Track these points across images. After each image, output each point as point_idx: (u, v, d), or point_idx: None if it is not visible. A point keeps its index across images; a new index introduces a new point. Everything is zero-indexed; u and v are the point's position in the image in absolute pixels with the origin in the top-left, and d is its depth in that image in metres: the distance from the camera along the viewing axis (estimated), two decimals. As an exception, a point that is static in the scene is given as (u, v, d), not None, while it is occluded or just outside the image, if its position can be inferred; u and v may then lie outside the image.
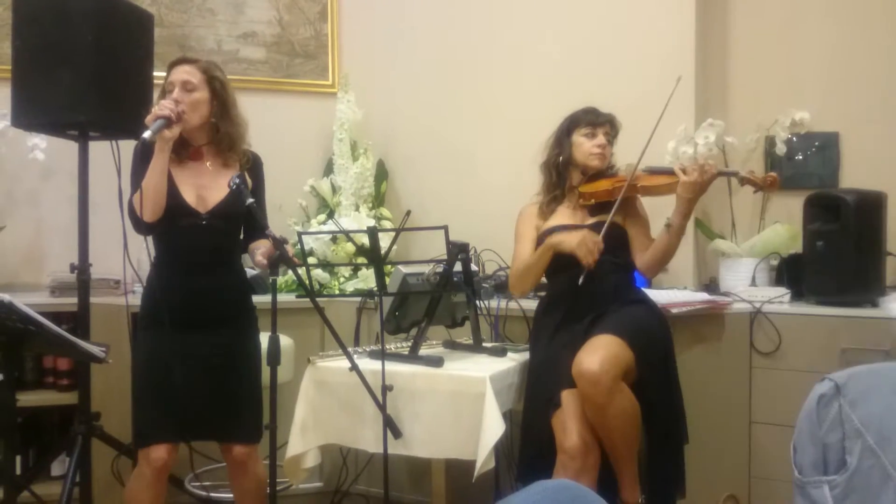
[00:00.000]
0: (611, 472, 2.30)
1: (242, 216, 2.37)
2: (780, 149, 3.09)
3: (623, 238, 2.52)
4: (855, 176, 3.07)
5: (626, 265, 2.53)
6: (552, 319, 2.49)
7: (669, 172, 2.47)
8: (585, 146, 2.54)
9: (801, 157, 3.17)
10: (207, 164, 2.39)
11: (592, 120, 2.55)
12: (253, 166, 2.46)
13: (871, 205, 2.68)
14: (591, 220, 2.54)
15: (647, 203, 2.63)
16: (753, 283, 2.93)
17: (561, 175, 2.59)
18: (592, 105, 2.60)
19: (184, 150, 2.37)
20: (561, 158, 2.57)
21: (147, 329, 2.36)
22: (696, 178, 2.35)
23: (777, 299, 2.73)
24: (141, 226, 2.27)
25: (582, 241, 2.35)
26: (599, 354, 2.20)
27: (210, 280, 2.35)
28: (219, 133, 2.38)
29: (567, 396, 2.28)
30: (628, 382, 2.26)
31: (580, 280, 2.37)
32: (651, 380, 2.33)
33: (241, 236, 2.48)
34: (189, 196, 2.32)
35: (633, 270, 2.57)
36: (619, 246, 2.50)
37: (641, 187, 2.51)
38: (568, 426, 2.24)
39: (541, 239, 2.54)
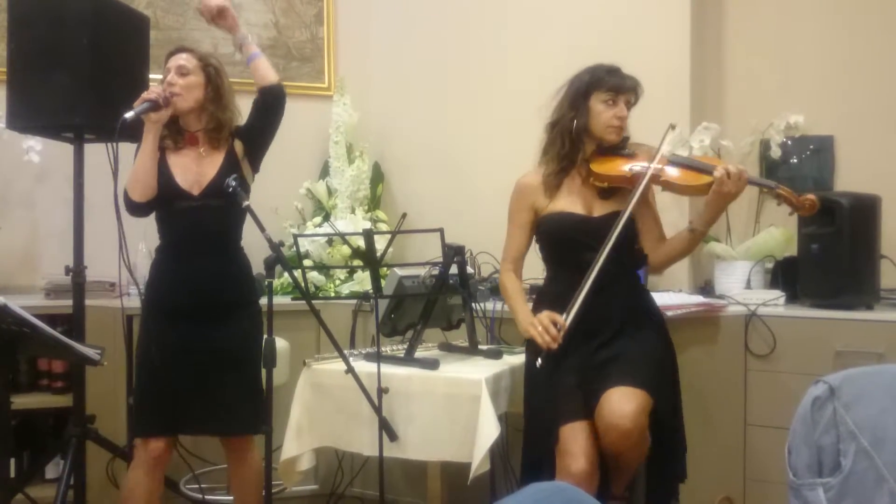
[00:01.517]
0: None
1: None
2: (775, 152, 3.10)
3: (631, 230, 2.30)
4: (849, 179, 3.08)
5: (633, 263, 2.35)
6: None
7: (700, 169, 2.23)
8: (604, 116, 2.23)
9: (795, 161, 3.18)
10: (201, 149, 2.41)
11: (616, 85, 2.23)
12: (237, 130, 2.45)
13: (865, 208, 2.69)
14: (599, 210, 2.29)
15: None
16: (748, 285, 2.93)
17: (573, 143, 2.27)
18: (616, 64, 2.29)
19: (179, 137, 2.40)
20: (576, 124, 2.25)
21: (149, 319, 2.37)
22: (732, 189, 2.14)
23: (772, 302, 2.74)
24: (131, 206, 2.31)
25: (531, 326, 2.16)
26: (632, 406, 2.08)
27: (210, 265, 2.36)
28: (210, 118, 2.40)
29: (569, 431, 2.15)
30: None
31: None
32: (659, 409, 2.21)
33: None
34: (184, 180, 2.35)
35: (639, 269, 2.43)
36: (627, 241, 2.28)
37: (664, 181, 2.24)
38: (575, 450, 2.13)
39: (542, 222, 2.31)
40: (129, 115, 2.22)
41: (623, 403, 2.10)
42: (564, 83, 2.35)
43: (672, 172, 2.24)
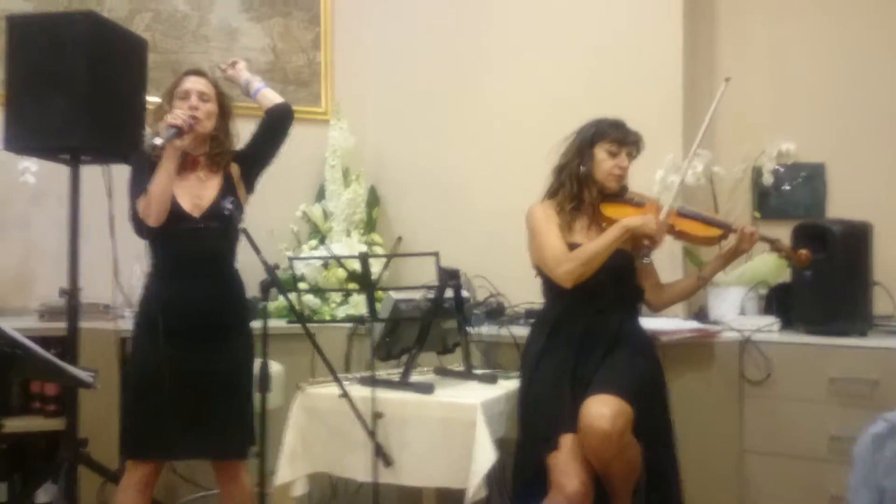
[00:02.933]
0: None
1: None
2: (767, 179, 3.13)
3: (631, 266, 2.46)
4: (841, 206, 3.10)
5: (632, 296, 2.50)
6: (562, 347, 2.38)
7: (707, 221, 2.49)
8: (606, 165, 2.42)
9: (787, 188, 3.20)
10: (201, 173, 2.43)
11: (620, 138, 2.43)
12: (235, 155, 2.48)
13: (857, 235, 2.71)
14: None
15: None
16: (742, 312, 2.94)
17: (580, 187, 2.45)
18: (621, 119, 2.48)
19: (180, 161, 2.40)
20: (582, 169, 2.44)
21: (142, 339, 2.36)
22: (746, 248, 2.47)
23: (766, 328, 2.74)
24: (144, 230, 2.32)
25: (661, 227, 2.33)
26: (609, 409, 2.16)
27: (204, 287, 2.36)
28: (215, 143, 2.43)
29: (568, 441, 2.22)
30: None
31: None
32: (644, 427, 2.28)
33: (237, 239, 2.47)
34: (185, 203, 2.36)
35: (639, 302, 2.55)
36: (627, 275, 2.46)
37: (679, 231, 2.47)
38: (569, 470, 2.18)
39: None
40: (158, 141, 2.23)
41: (600, 406, 2.18)
42: (571, 133, 2.50)
43: (685, 224, 2.48)
